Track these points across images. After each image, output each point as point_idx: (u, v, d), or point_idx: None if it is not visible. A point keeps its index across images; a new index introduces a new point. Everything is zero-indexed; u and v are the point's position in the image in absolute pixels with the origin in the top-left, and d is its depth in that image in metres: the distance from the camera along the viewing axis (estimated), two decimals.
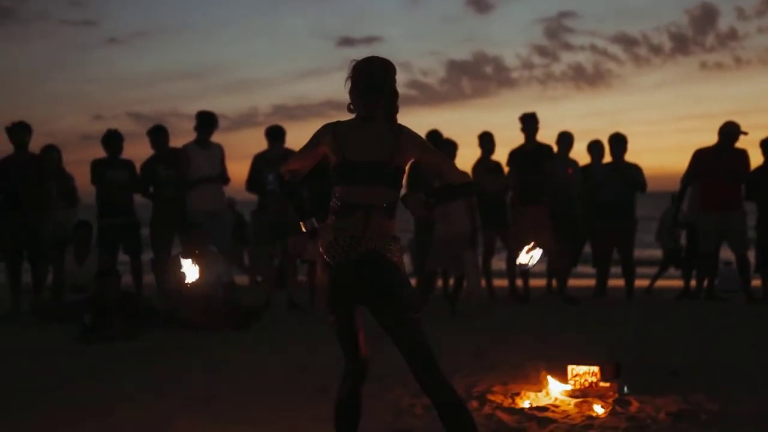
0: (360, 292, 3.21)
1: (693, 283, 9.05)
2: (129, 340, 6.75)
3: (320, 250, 3.26)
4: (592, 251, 9.11)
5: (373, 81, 3.24)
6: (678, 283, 9.88)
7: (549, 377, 4.91)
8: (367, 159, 3.22)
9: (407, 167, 3.35)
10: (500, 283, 9.44)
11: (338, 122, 3.32)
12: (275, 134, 8.56)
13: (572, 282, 9.28)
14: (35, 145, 8.58)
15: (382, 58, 3.31)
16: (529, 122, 8.90)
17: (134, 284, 8.52)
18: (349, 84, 3.28)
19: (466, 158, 9.09)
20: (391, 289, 3.20)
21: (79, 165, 8.90)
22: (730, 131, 8.43)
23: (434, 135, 8.80)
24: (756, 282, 8.65)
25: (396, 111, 3.32)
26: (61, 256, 8.09)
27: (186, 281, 3.60)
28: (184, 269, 3.58)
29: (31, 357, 6.16)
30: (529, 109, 8.96)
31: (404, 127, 3.33)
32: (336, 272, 3.22)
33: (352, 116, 3.34)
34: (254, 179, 8.44)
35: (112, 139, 8.46)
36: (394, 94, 3.30)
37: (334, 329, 3.29)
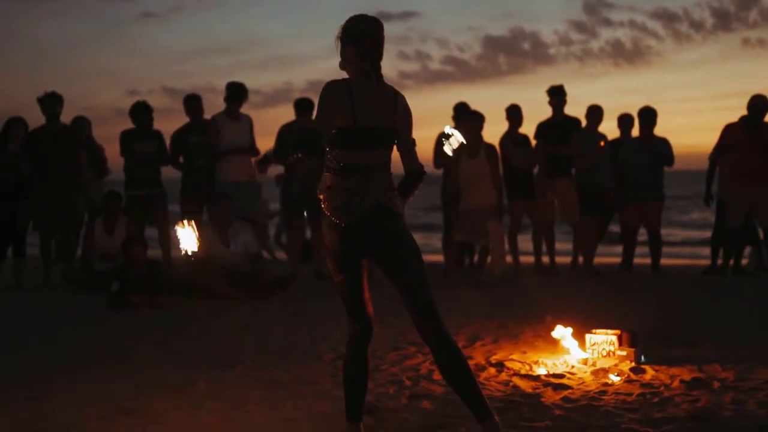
0: (368, 244, 3.27)
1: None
2: (155, 307, 6.89)
3: (325, 213, 3.30)
4: (619, 225, 9.09)
5: (379, 40, 3.30)
6: (705, 261, 9.83)
7: (567, 346, 4.96)
8: (374, 125, 3.27)
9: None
10: (526, 259, 9.44)
11: (348, 82, 3.29)
12: (303, 106, 8.60)
13: (599, 259, 9.26)
14: (68, 118, 8.74)
15: (375, 17, 3.34)
16: (557, 95, 8.87)
17: (162, 255, 8.65)
18: (339, 43, 3.31)
19: (499, 134, 9.07)
20: (397, 237, 3.26)
21: (113, 140, 9.10)
22: (757, 104, 8.34)
23: (462, 107, 8.81)
24: None
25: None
26: (91, 225, 8.24)
27: (185, 250, 3.35)
28: (180, 237, 3.35)
29: (62, 323, 6.33)
30: (566, 86, 8.91)
31: (399, 92, 3.39)
32: (345, 230, 3.26)
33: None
34: (281, 150, 8.48)
35: (140, 111, 8.55)
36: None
37: (342, 288, 3.34)
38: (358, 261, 3.32)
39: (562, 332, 4.96)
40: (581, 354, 4.86)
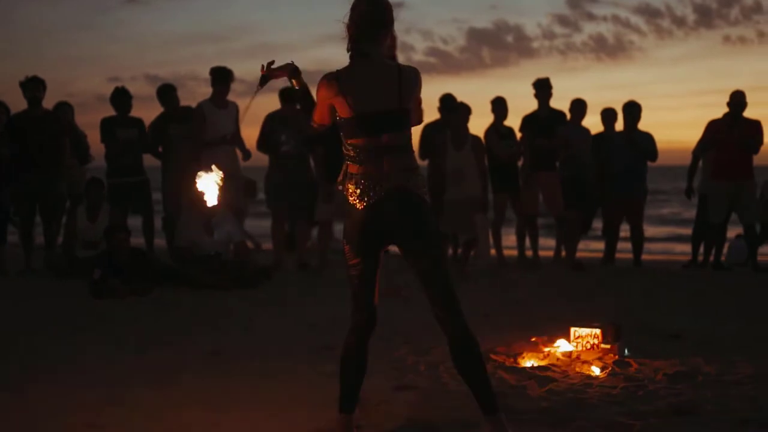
0: (386, 227, 3.24)
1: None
2: (138, 295, 6.84)
3: (347, 198, 3.29)
4: (602, 219, 9.15)
5: (380, 15, 3.24)
6: (681, 256, 9.94)
7: (551, 339, 4.99)
8: (377, 109, 3.21)
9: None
10: (509, 252, 9.47)
11: (339, 73, 3.26)
12: (288, 95, 8.55)
13: (581, 254, 9.32)
14: (49, 105, 8.62)
15: None
16: (543, 88, 8.88)
17: (145, 243, 8.59)
18: (346, 22, 3.26)
19: (482, 127, 9.11)
20: (415, 221, 3.23)
21: (94, 126, 9.02)
22: (736, 100, 8.47)
23: (448, 98, 8.79)
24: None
25: (395, 48, 3.33)
26: (73, 212, 8.17)
27: (206, 204, 3.53)
28: (203, 188, 3.47)
29: (43, 311, 6.28)
30: None
31: (404, 67, 3.29)
32: (364, 213, 3.24)
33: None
34: (266, 139, 8.46)
35: (121, 97, 8.47)
36: (390, 31, 3.31)
37: (354, 274, 3.30)
38: (375, 246, 3.28)
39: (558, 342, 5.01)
40: (565, 347, 4.89)
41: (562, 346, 4.91)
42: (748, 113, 8.54)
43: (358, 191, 3.24)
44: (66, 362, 4.72)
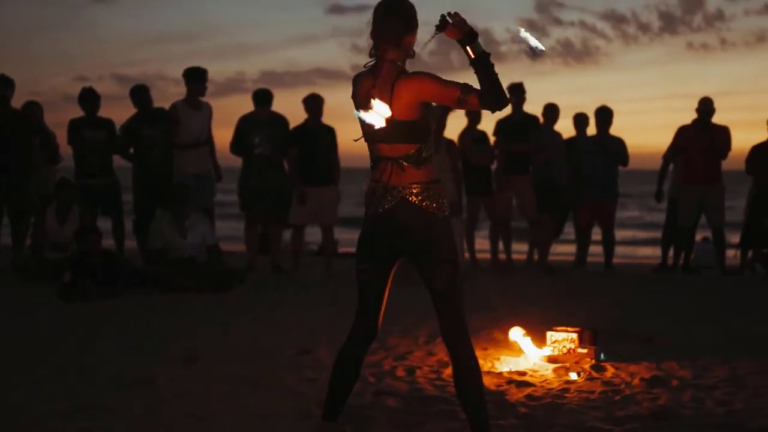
0: (389, 240, 3.18)
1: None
2: (109, 299, 6.74)
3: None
4: (573, 223, 9.22)
5: (394, 15, 3.15)
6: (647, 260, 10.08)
7: (528, 343, 5.00)
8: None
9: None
10: (483, 256, 9.50)
11: (356, 76, 3.25)
12: (262, 97, 8.50)
13: (553, 257, 9.38)
14: (16, 104, 8.47)
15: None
16: (516, 93, 8.90)
17: (116, 246, 8.47)
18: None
19: (454, 130, 9.11)
20: (422, 237, 3.13)
21: (61, 126, 8.94)
22: (705, 107, 8.60)
23: None
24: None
25: (406, 54, 3.18)
26: (42, 213, 8.04)
27: None
28: None
29: (11, 314, 6.16)
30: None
31: (402, 77, 3.11)
32: (369, 222, 3.22)
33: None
34: (239, 142, 8.41)
35: (88, 98, 8.35)
36: (401, 35, 3.15)
37: (359, 280, 3.27)
38: (376, 256, 3.22)
39: (516, 334, 5.01)
40: (542, 351, 4.91)
41: (538, 350, 4.91)
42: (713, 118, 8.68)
43: (369, 198, 3.22)
44: (36, 368, 4.63)
